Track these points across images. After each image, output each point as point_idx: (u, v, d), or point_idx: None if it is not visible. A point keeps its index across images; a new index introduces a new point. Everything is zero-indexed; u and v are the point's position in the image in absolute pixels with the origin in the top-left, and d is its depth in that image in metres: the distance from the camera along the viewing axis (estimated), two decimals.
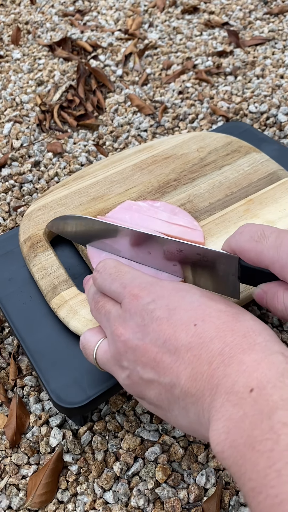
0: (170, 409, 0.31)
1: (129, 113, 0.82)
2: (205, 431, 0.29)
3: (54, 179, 0.71)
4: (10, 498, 0.44)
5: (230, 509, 0.42)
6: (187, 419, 0.30)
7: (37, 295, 0.46)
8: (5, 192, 0.69)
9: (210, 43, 0.97)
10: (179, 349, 0.30)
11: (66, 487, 0.44)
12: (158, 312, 0.31)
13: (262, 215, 0.49)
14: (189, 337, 0.30)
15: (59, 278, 0.45)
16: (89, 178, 0.54)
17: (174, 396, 0.30)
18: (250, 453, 0.25)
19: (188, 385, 0.29)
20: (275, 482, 0.23)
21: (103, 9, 1.11)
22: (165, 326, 0.31)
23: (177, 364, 0.30)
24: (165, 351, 0.30)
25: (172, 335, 0.30)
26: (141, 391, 0.32)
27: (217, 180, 0.53)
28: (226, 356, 0.28)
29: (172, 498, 0.42)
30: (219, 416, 0.27)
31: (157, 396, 0.31)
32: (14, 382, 0.51)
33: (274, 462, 0.24)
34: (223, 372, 0.28)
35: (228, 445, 0.26)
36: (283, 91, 0.83)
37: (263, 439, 0.24)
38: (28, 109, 0.84)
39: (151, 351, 0.31)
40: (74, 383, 0.40)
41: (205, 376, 0.28)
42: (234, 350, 0.28)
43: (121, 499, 0.43)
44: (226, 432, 0.26)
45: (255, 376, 0.27)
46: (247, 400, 0.26)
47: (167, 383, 0.30)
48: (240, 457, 0.25)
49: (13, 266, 0.49)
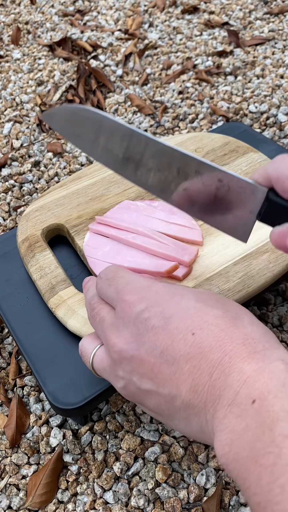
0: (172, 418, 0.30)
1: (129, 113, 0.82)
2: (209, 439, 0.29)
3: (54, 179, 0.71)
4: (10, 498, 0.44)
5: (230, 509, 0.42)
6: (189, 428, 0.30)
7: (34, 296, 0.46)
8: (5, 192, 0.69)
9: (210, 43, 0.97)
10: (178, 360, 0.29)
11: (66, 487, 0.44)
12: (153, 321, 0.30)
13: None
14: (187, 347, 0.29)
15: (57, 278, 0.45)
16: (87, 179, 0.54)
17: (175, 407, 0.29)
18: (254, 467, 0.25)
19: (190, 397, 0.28)
20: (280, 498, 0.23)
21: (103, 9, 1.11)
22: (161, 335, 0.30)
23: (177, 376, 0.29)
24: (162, 362, 0.29)
25: (169, 345, 0.29)
26: (140, 400, 0.32)
27: None
28: (226, 366, 0.28)
29: (172, 498, 0.42)
30: (222, 428, 0.27)
31: (156, 406, 0.31)
32: (14, 382, 0.51)
33: (277, 477, 0.23)
34: (224, 382, 0.27)
35: (232, 458, 0.26)
36: (283, 91, 0.83)
37: (266, 453, 0.24)
38: (28, 109, 0.84)
39: (147, 362, 0.30)
40: (71, 384, 0.40)
41: (206, 387, 0.28)
42: (234, 359, 0.28)
43: (121, 499, 0.43)
44: (229, 444, 0.26)
45: (256, 387, 0.26)
46: (249, 411, 0.26)
47: (166, 395, 0.29)
48: (244, 470, 0.25)
49: (11, 267, 0.49)
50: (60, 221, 0.49)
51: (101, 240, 0.47)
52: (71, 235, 0.48)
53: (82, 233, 0.48)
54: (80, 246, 0.47)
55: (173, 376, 0.29)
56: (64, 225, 0.49)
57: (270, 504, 0.23)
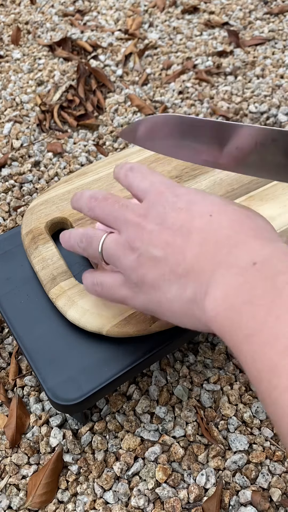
0: (168, 290, 0.32)
1: (129, 113, 0.82)
2: (199, 311, 0.30)
3: (54, 179, 0.71)
4: (10, 498, 0.44)
5: (230, 509, 0.42)
6: (182, 299, 0.31)
7: (34, 294, 0.46)
8: (5, 192, 0.69)
9: (210, 43, 0.97)
10: (191, 232, 0.32)
11: (66, 487, 0.44)
12: (179, 204, 0.34)
13: (262, 211, 0.49)
14: (203, 224, 0.32)
15: (58, 269, 0.45)
16: (92, 175, 0.54)
17: (176, 274, 0.32)
18: (248, 308, 0.25)
19: (193, 262, 0.31)
20: (273, 323, 0.24)
21: (103, 9, 1.11)
22: (183, 215, 0.33)
23: (187, 245, 0.32)
24: (178, 234, 0.32)
25: (188, 221, 0.32)
26: (144, 273, 0.33)
27: (218, 177, 0.53)
28: (233, 240, 0.30)
29: (172, 498, 0.42)
30: (217, 284, 0.28)
31: (159, 276, 0.33)
32: (14, 382, 0.51)
33: (273, 310, 0.24)
34: (228, 251, 0.30)
35: (224, 308, 0.27)
36: (283, 91, 0.83)
37: (264, 294, 0.25)
38: (28, 109, 0.84)
39: (166, 234, 0.33)
40: (71, 381, 0.40)
41: (210, 254, 0.30)
42: (242, 236, 0.30)
43: (121, 499, 0.43)
44: (222, 298, 0.27)
45: (260, 253, 0.28)
46: (249, 271, 0.27)
47: (173, 262, 0.32)
48: (236, 315, 0.26)
49: (11, 265, 0.49)
50: (64, 215, 0.50)
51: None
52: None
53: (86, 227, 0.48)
54: None
55: (183, 244, 0.32)
56: (67, 219, 0.50)
57: (261, 332, 0.24)
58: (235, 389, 0.49)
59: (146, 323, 0.41)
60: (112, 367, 0.41)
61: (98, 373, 0.41)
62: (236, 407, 0.48)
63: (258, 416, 0.48)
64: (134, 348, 0.42)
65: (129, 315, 0.42)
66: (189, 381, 0.50)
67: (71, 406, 0.39)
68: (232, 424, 0.47)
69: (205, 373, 0.50)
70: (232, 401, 0.48)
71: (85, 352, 0.42)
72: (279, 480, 0.43)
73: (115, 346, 0.42)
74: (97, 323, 0.41)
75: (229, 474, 0.44)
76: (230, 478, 0.44)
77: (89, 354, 0.42)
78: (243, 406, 0.48)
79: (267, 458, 0.45)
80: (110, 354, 0.42)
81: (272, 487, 0.43)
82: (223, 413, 0.47)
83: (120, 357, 0.41)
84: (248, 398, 0.48)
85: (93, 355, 0.42)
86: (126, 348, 0.42)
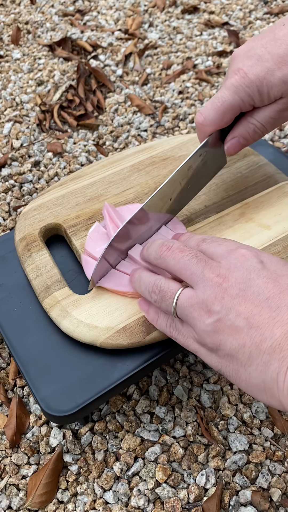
0: (248, 363, 0.31)
1: (129, 113, 0.82)
2: (278, 391, 0.29)
3: (54, 179, 0.71)
4: (10, 498, 0.44)
5: (230, 509, 0.42)
6: (262, 376, 0.30)
7: (28, 301, 0.46)
8: (5, 192, 0.69)
9: (210, 43, 0.97)
10: (281, 308, 0.30)
11: (66, 487, 0.44)
12: (265, 272, 0.32)
13: (258, 219, 0.49)
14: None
15: (52, 278, 0.45)
16: (86, 178, 0.54)
17: (259, 349, 0.30)
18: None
19: (281, 341, 0.29)
20: None
21: (103, 9, 1.11)
22: (270, 285, 0.32)
23: (275, 321, 0.30)
24: (265, 306, 0.31)
25: (276, 295, 0.31)
26: (222, 339, 0.32)
27: (213, 182, 0.53)
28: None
29: (172, 498, 0.42)
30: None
31: (238, 347, 0.31)
32: (14, 382, 0.51)
33: None
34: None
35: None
36: None
37: None
38: (28, 109, 0.84)
39: (250, 303, 0.31)
40: (64, 391, 0.40)
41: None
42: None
43: (121, 499, 0.43)
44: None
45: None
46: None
47: (256, 336, 0.30)
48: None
49: (4, 272, 0.48)
50: (58, 221, 0.49)
51: (103, 236, 0.47)
52: (68, 235, 0.48)
53: (80, 234, 0.48)
54: (76, 247, 0.47)
55: (271, 320, 0.30)
56: (61, 225, 0.49)
57: None
58: (235, 389, 0.49)
59: (140, 336, 0.41)
60: (107, 377, 0.40)
61: (92, 384, 0.40)
62: (236, 407, 0.48)
63: (258, 416, 0.48)
64: (129, 358, 0.41)
65: (123, 327, 0.41)
66: (189, 381, 0.50)
67: (64, 418, 0.39)
68: (232, 424, 0.47)
69: (205, 373, 0.50)
70: (232, 401, 0.48)
71: (79, 362, 0.41)
72: (279, 480, 0.43)
73: (109, 356, 0.41)
74: (90, 335, 0.41)
75: (229, 474, 0.44)
76: (230, 478, 0.44)
77: (83, 364, 0.41)
78: (243, 406, 0.48)
79: (267, 458, 0.45)
80: (104, 364, 0.41)
81: (272, 487, 0.43)
82: (223, 413, 0.47)
83: (114, 367, 0.41)
84: (248, 398, 0.49)
85: (87, 365, 0.41)
86: (121, 358, 0.41)
